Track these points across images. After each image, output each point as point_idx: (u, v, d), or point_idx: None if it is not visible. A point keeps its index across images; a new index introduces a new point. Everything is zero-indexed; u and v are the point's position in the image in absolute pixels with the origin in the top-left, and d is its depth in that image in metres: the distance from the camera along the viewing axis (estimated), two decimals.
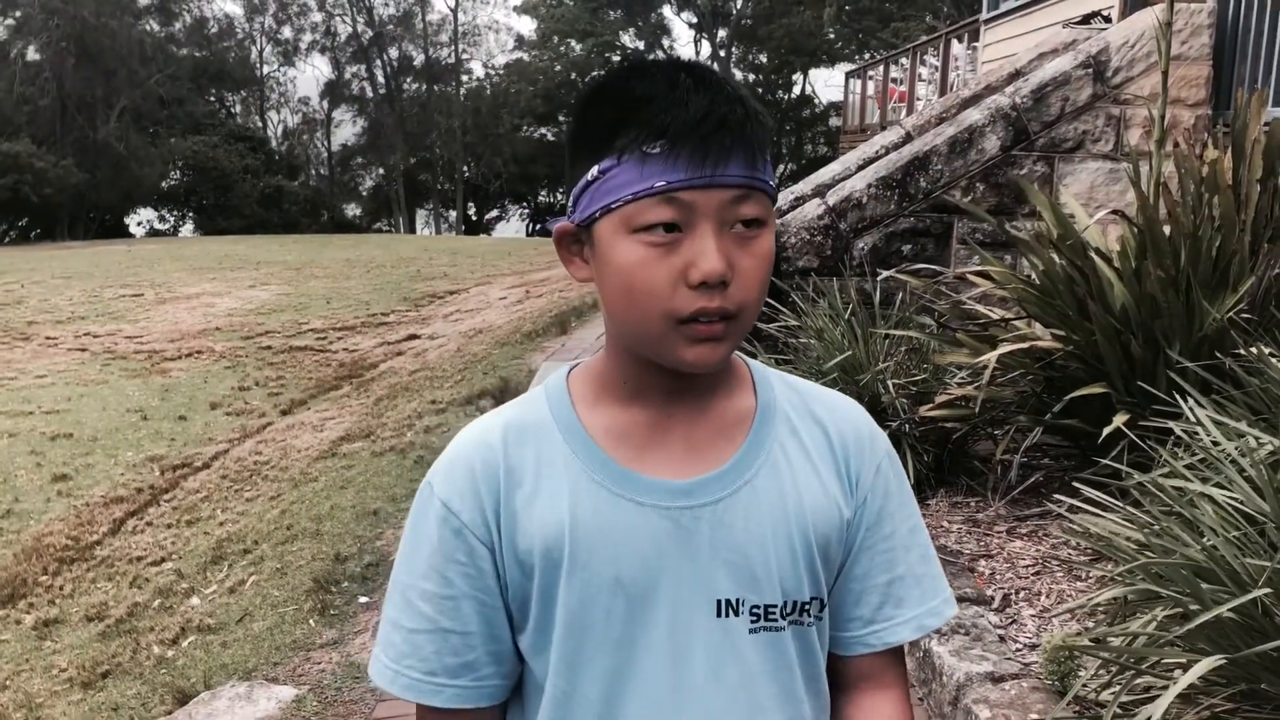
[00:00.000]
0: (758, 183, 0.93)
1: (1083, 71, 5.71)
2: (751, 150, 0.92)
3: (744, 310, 0.94)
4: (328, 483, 5.66)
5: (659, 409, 1.00)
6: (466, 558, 0.98)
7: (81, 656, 4.15)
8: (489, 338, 9.91)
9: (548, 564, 0.97)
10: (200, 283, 18.40)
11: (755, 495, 1.00)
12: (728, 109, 0.92)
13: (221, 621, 4.08)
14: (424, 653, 0.98)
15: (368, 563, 4.21)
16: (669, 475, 0.99)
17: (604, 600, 0.97)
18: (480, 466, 0.99)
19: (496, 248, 25.08)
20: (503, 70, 48.07)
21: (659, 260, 0.91)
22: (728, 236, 0.92)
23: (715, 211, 0.91)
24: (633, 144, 0.91)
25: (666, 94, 0.92)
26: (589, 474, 0.98)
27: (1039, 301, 3.74)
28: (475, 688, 0.99)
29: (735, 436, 1.02)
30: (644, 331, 0.94)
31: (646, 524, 0.97)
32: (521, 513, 0.97)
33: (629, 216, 0.92)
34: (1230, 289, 3.44)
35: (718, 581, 0.98)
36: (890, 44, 29.91)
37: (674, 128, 0.90)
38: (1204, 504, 2.56)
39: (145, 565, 5.17)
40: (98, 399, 9.86)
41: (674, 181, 0.90)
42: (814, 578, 1.02)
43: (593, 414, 1.01)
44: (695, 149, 0.90)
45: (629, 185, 0.91)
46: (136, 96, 37.01)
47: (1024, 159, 5.69)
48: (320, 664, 3.38)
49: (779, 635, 1.00)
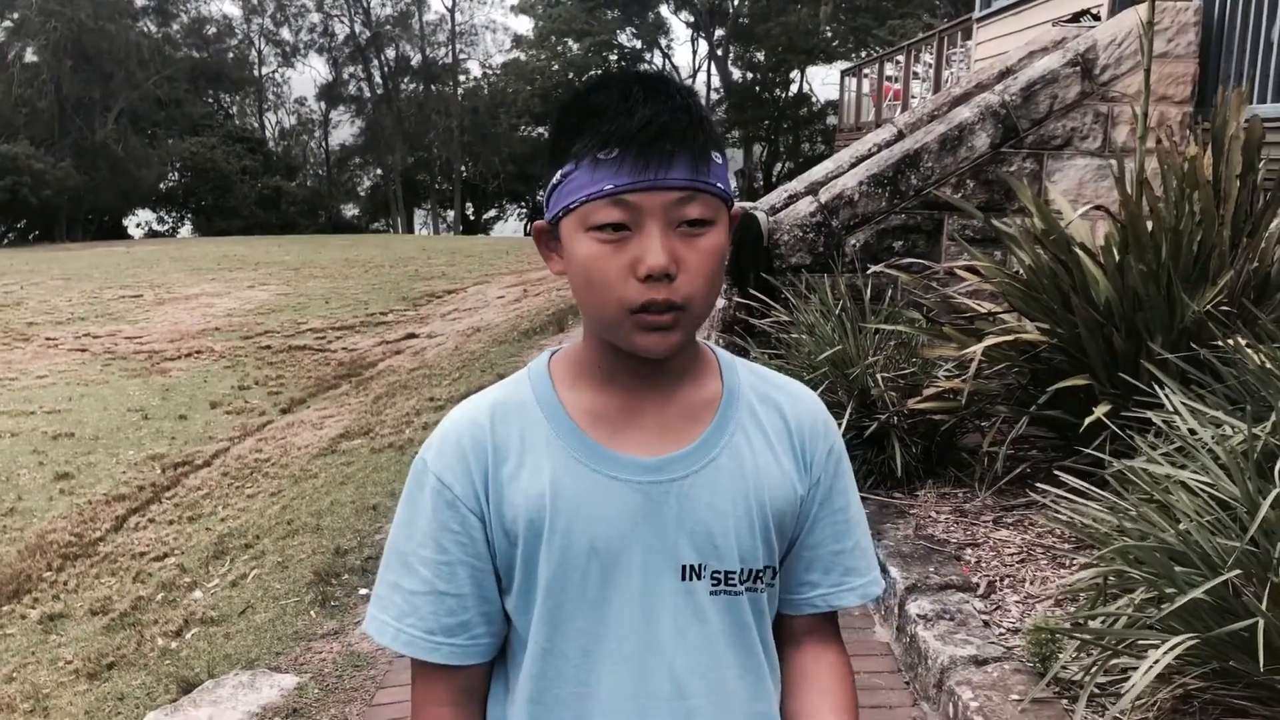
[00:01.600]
0: (701, 185, 1.01)
1: (1071, 69, 5.78)
2: (694, 155, 1.01)
3: (691, 301, 1.02)
4: (327, 479, 5.73)
5: (631, 392, 1.10)
6: (459, 527, 1.07)
7: (86, 649, 4.23)
8: (487, 336, 9.98)
9: (530, 533, 1.06)
10: (199, 283, 18.44)
11: (718, 472, 1.09)
12: (670, 117, 1.00)
13: (224, 614, 4.15)
14: (423, 613, 1.07)
15: (367, 556, 4.28)
16: (641, 453, 1.08)
17: (580, 565, 1.06)
18: (470, 444, 1.08)
19: (494, 247, 25.13)
20: (500, 70, 48.11)
21: (611, 255, 1.00)
22: (674, 234, 1.00)
23: (660, 211, 0.99)
24: (586, 150, 1.01)
25: (617, 105, 1.01)
26: (568, 451, 1.07)
27: (1024, 295, 3.82)
28: (468, 646, 1.09)
29: (702, 419, 1.11)
30: (603, 319, 1.04)
31: (620, 497, 1.06)
32: (507, 486, 1.07)
33: (584, 216, 1.01)
34: (1210, 282, 3.52)
35: (682, 549, 1.08)
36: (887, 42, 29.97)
37: (620, 136, 0.99)
38: (1179, 490, 2.63)
39: (148, 560, 5.24)
40: (98, 399, 9.93)
41: (620, 185, 0.99)
42: (769, 548, 1.12)
43: (571, 395, 1.10)
44: (638, 155, 0.99)
45: (583, 188, 1.01)
46: (134, 98, 37.07)
47: (1013, 156, 5.76)
48: (321, 653, 3.45)
49: (736, 599, 1.10)
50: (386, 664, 3.28)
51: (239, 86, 46.48)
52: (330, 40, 47.71)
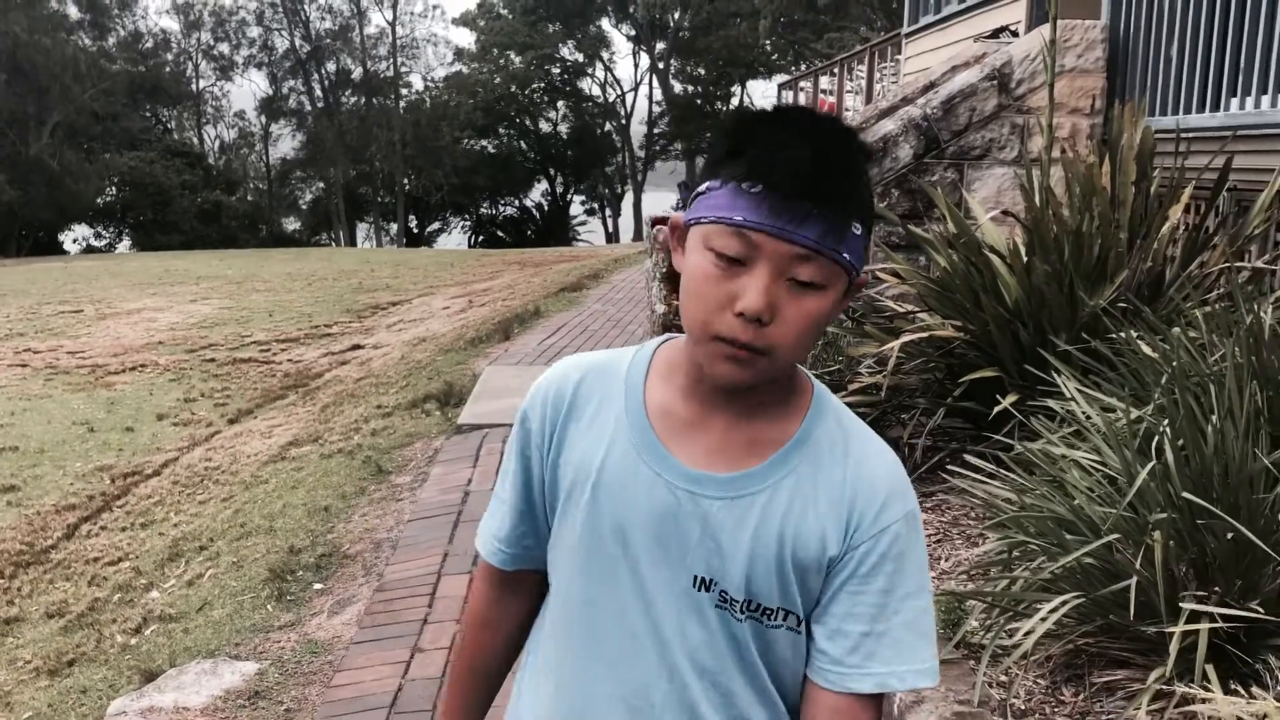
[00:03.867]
0: (826, 250, 1.03)
1: (988, 83, 6.09)
2: (832, 222, 1.03)
3: (775, 350, 1.05)
4: (278, 484, 5.87)
5: (707, 405, 1.14)
6: (525, 448, 1.22)
7: (45, 649, 4.34)
8: (433, 345, 10.13)
9: (574, 491, 1.16)
10: (141, 298, 18.31)
11: (748, 509, 1.12)
12: (824, 181, 1.03)
13: (182, 611, 4.28)
14: (495, 514, 1.27)
15: (321, 554, 4.44)
16: (689, 462, 1.13)
17: (606, 536, 1.15)
18: (554, 393, 1.20)
19: (438, 259, 25.16)
20: (442, 83, 48.17)
21: (719, 280, 1.04)
22: (781, 284, 1.03)
23: (776, 260, 1.02)
24: (736, 176, 1.04)
25: (783, 144, 1.04)
26: (629, 433, 1.15)
27: (939, 295, 4.09)
28: (507, 553, 1.25)
29: (763, 453, 1.14)
30: (692, 331, 1.09)
31: (655, 492, 1.13)
32: (569, 440, 1.18)
33: (709, 234, 1.06)
34: (1108, 281, 3.81)
35: (696, 562, 1.12)
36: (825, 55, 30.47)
37: (770, 176, 1.02)
38: (1073, 468, 2.90)
39: (102, 565, 5.35)
40: (42, 413, 9.91)
41: (750, 221, 1.02)
42: (786, 593, 1.13)
43: (659, 387, 1.17)
44: (779, 200, 1.01)
45: (718, 209, 1.05)
46: (70, 112, 36.62)
47: (935, 166, 6.06)
48: (280, 643, 3.61)
49: (740, 625, 1.13)
50: (343, 650, 3.45)
51: (178, 100, 46.09)
52: (270, 54, 47.48)
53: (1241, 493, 2.51)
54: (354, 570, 4.22)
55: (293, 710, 3.09)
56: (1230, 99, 5.13)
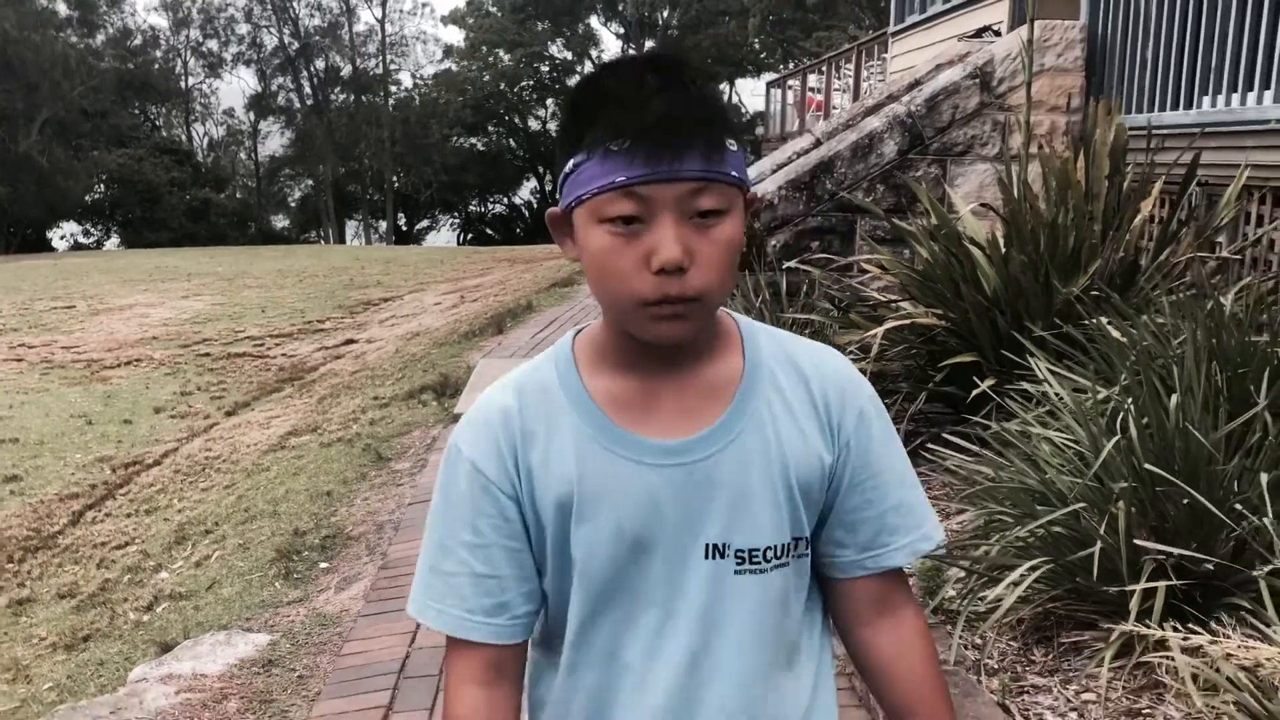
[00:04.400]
0: (715, 175, 1.00)
1: (971, 81, 6.28)
2: (708, 145, 1.00)
3: (705, 293, 1.02)
4: (280, 471, 6.02)
5: (651, 375, 1.10)
6: (495, 510, 1.10)
7: (59, 626, 4.49)
8: (427, 339, 10.27)
9: (560, 515, 1.09)
10: (133, 294, 18.38)
11: (741, 450, 1.09)
12: (684, 109, 0.99)
13: (192, 590, 4.44)
14: (464, 593, 1.11)
15: (325, 535, 4.60)
16: (663, 435, 1.09)
17: (608, 547, 1.09)
18: (500, 428, 1.11)
19: (428, 256, 25.28)
20: (431, 81, 48.25)
21: (624, 247, 1.00)
22: (687, 225, 1.00)
23: (673, 203, 0.99)
24: (598, 141, 1.00)
25: (630, 95, 1.00)
26: (592, 435, 1.09)
27: (921, 285, 4.26)
28: (509, 625, 1.13)
29: (723, 397, 1.11)
30: (618, 309, 1.05)
31: (643, 480, 1.08)
32: (537, 469, 1.09)
33: (596, 208, 1.01)
34: (1081, 270, 3.99)
35: (706, 528, 1.09)
36: (814, 53, 30.63)
37: (633, 128, 0.98)
38: (1043, 444, 3.08)
39: (110, 549, 5.49)
40: (39, 406, 10.03)
41: (633, 177, 0.98)
42: (796, 520, 1.12)
43: (594, 378, 1.12)
44: (652, 148, 0.98)
45: (595, 179, 1.01)
46: (59, 109, 36.62)
47: (919, 162, 6.24)
48: (289, 616, 3.77)
49: (763, 576, 1.11)
50: (351, 622, 3.61)
51: (166, 98, 46.05)
52: (259, 51, 47.50)
53: (1200, 464, 2.69)
54: (358, 550, 4.38)
55: (305, 676, 3.24)
56: (1202, 97, 5.32)
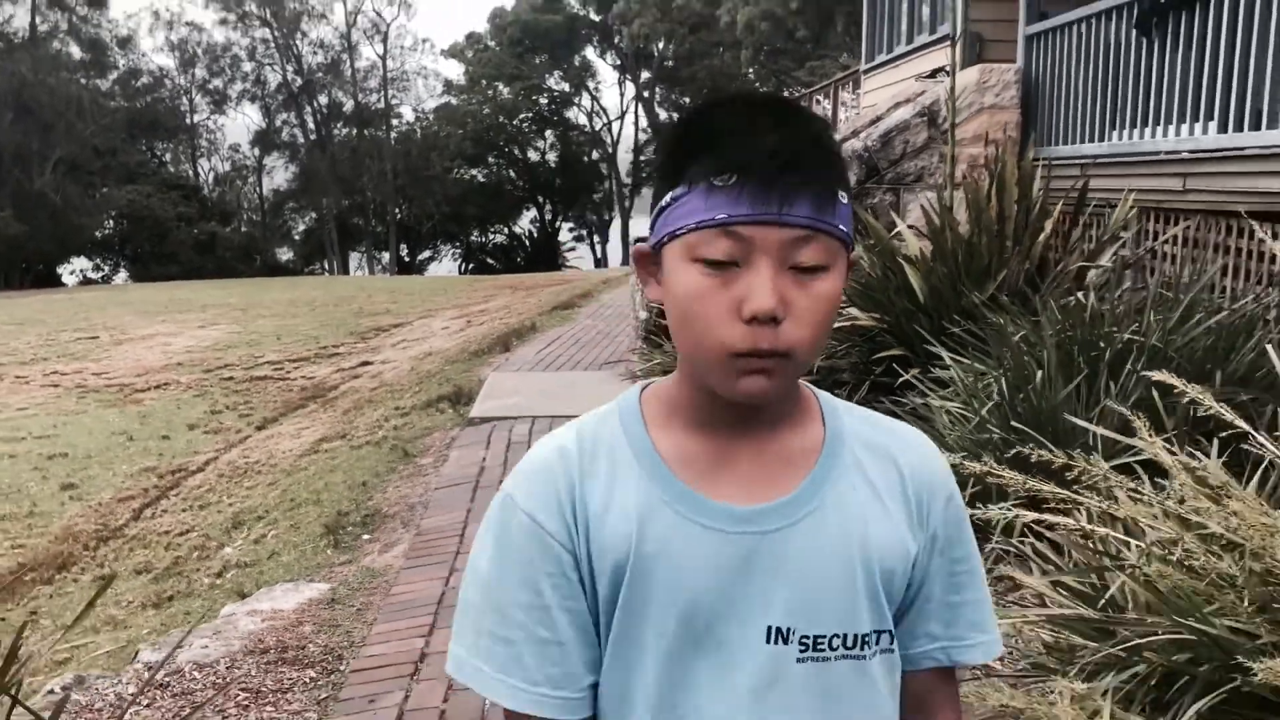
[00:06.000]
0: (823, 225, 0.94)
1: (919, 119, 7.15)
2: (821, 193, 0.94)
3: (797, 349, 0.95)
4: (317, 469, 6.84)
5: (726, 437, 1.03)
6: (555, 568, 1.01)
7: (144, 593, 5.29)
8: (439, 358, 11.11)
9: (615, 576, 1.00)
10: (152, 324, 19.24)
11: (819, 525, 1.01)
12: (800, 148, 0.94)
13: (255, 559, 5.25)
14: (526, 663, 1.01)
15: (364, 514, 5.41)
16: (735, 500, 1.01)
17: (659, 615, 1.00)
18: (561, 478, 1.02)
19: (433, 285, 26.13)
20: (432, 114, 49.32)
21: (716, 291, 0.93)
22: (786, 275, 0.93)
23: (774, 250, 0.93)
24: (702, 174, 0.94)
25: (742, 128, 0.95)
26: (658, 493, 1.01)
27: (863, 294, 5.11)
28: (577, 698, 1.03)
29: (802, 466, 1.03)
30: (701, 358, 0.97)
31: (708, 546, 1.00)
32: (594, 525, 1.01)
33: (691, 245, 0.94)
34: (991, 279, 4.84)
35: (771, 608, 1.01)
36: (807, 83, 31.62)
37: (742, 162, 0.93)
38: (942, 414, 3.92)
39: (174, 536, 6.30)
40: (81, 426, 10.86)
41: (735, 215, 0.92)
42: (877, 610, 1.03)
43: (663, 435, 1.04)
44: (760, 185, 0.92)
45: (694, 214, 0.94)
46: (73, 148, 37.71)
47: (875, 190, 7.10)
48: (343, 572, 4.58)
49: (826, 665, 1.02)
50: (395, 574, 4.43)
51: (173, 135, 47.14)
52: (263, 88, 48.62)
53: (1058, 421, 3.52)
54: (394, 525, 5.20)
55: (362, 609, 4.06)
56: (1111, 131, 6.19)
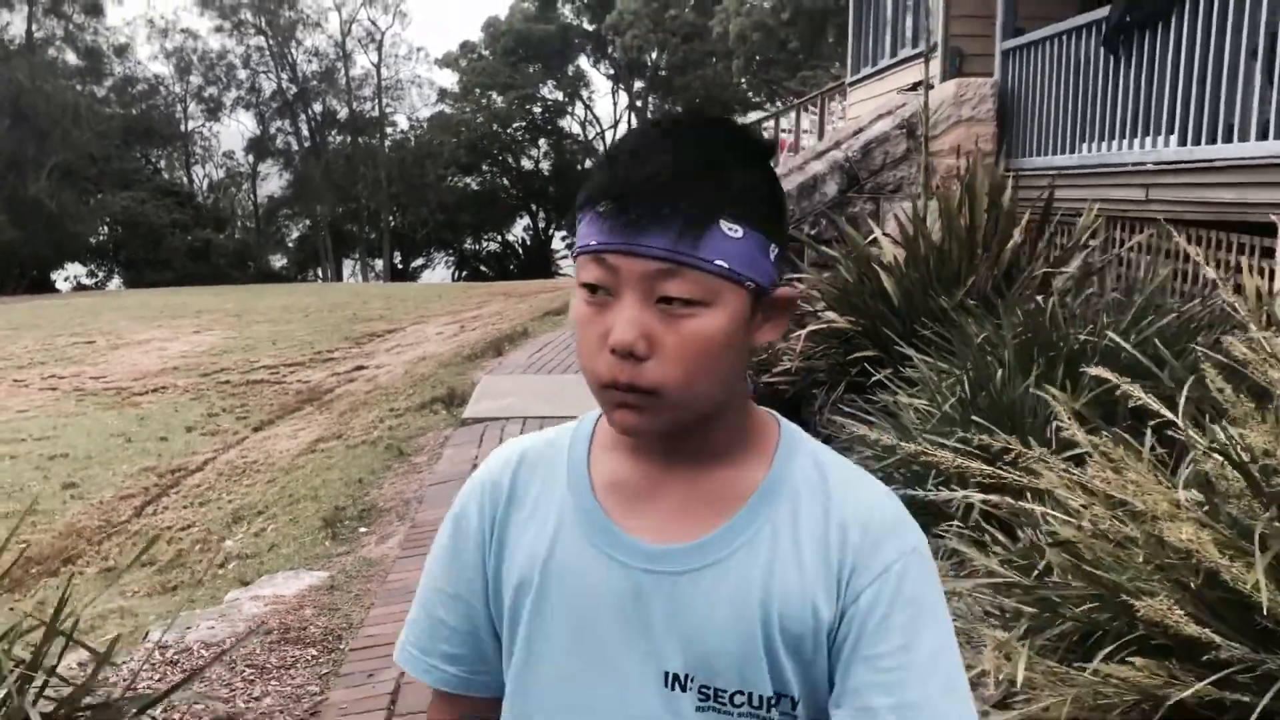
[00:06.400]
0: (685, 258, 0.89)
1: (899, 131, 7.40)
2: (685, 223, 0.89)
3: (663, 388, 0.90)
4: (314, 467, 7.05)
5: (657, 467, 0.99)
6: (465, 561, 1.04)
7: (148, 584, 5.50)
8: (433, 362, 11.33)
9: (519, 594, 1.01)
10: (147, 330, 19.41)
11: (720, 577, 0.96)
12: (669, 177, 0.89)
13: (255, 551, 5.46)
14: (423, 634, 1.07)
15: (362, 509, 5.62)
16: (647, 536, 0.98)
17: (556, 640, 0.99)
18: (491, 487, 1.05)
19: (426, 292, 26.33)
20: (426, 122, 49.58)
21: (592, 319, 0.92)
22: (653, 309, 0.90)
23: (636, 281, 0.90)
24: (588, 201, 0.93)
25: (627, 153, 0.92)
26: (575, 518, 1.00)
27: (839, 298, 5.34)
28: (464, 677, 1.07)
29: (727, 510, 0.98)
30: (587, 382, 0.95)
31: (610, 579, 0.97)
32: (511, 539, 1.02)
33: (579, 269, 0.94)
34: (960, 284, 5.08)
35: (668, 654, 0.96)
36: (799, 92, 31.95)
37: (609, 188, 0.91)
38: (910, 410, 4.15)
39: (175, 530, 6.51)
40: (80, 428, 11.05)
41: (601, 243, 0.90)
42: (780, 676, 0.95)
43: (604, 457, 1.02)
44: (618, 213, 0.89)
45: (581, 238, 0.93)
46: (68, 155, 37.91)
47: (856, 199, 7.35)
48: (341, 562, 4.79)
49: (728, 718, 0.96)
50: (392, 562, 4.64)
51: (168, 141, 47.33)
52: (258, 95, 48.84)
53: (1016, 415, 3.75)
54: (390, 518, 5.41)
55: (360, 595, 4.27)
56: (1081, 144, 6.44)
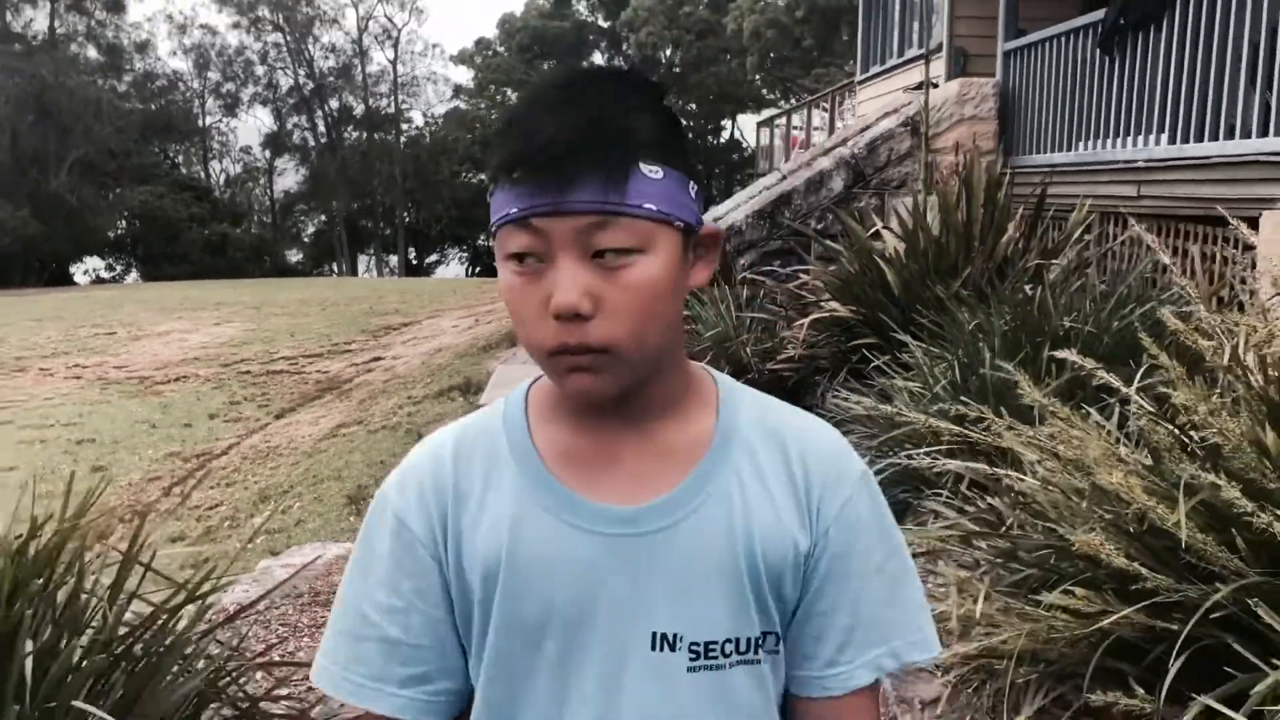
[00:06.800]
0: (614, 207, 0.87)
1: (903, 129, 7.62)
2: (608, 172, 0.87)
3: (613, 344, 0.89)
4: (336, 451, 7.32)
5: (606, 430, 0.98)
6: (418, 571, 0.98)
7: (179, 558, 5.77)
8: (449, 353, 11.60)
9: (487, 587, 0.96)
10: (167, 321, 19.73)
11: (700, 525, 0.96)
12: (581, 129, 0.88)
13: (283, 526, 5.73)
14: (370, 658, 0.98)
15: None
16: (615, 500, 0.96)
17: (535, 626, 0.96)
18: (430, 482, 0.99)
19: (440, 287, 26.62)
20: (441, 119, 49.91)
21: (526, 288, 0.90)
22: (590, 266, 0.88)
23: (570, 240, 0.87)
24: (499, 169, 0.90)
25: (526, 116, 0.90)
26: (533, 496, 0.97)
27: (842, 289, 5.58)
28: (425, 700, 0.99)
29: (686, 462, 0.98)
30: (530, 355, 0.93)
31: (587, 550, 0.95)
32: (466, 532, 0.97)
33: (502, 241, 0.91)
34: (956, 275, 5.31)
35: (655, 614, 0.95)
36: (812, 89, 32.14)
37: (523, 152, 0.88)
38: (903, 392, 4.39)
39: (204, 510, 6.78)
40: (106, 415, 11.35)
41: (524, 208, 0.88)
42: (764, 612, 0.97)
43: (545, 431, 1.00)
44: (539, 174, 0.87)
45: (498, 209, 0.91)
46: (89, 150, 38.36)
47: (862, 195, 7.57)
48: None
49: (721, 673, 0.96)
50: None
51: (186, 137, 47.76)
52: (275, 91, 49.25)
53: (1001, 396, 3.99)
54: None
55: None
56: (1077, 142, 6.66)
